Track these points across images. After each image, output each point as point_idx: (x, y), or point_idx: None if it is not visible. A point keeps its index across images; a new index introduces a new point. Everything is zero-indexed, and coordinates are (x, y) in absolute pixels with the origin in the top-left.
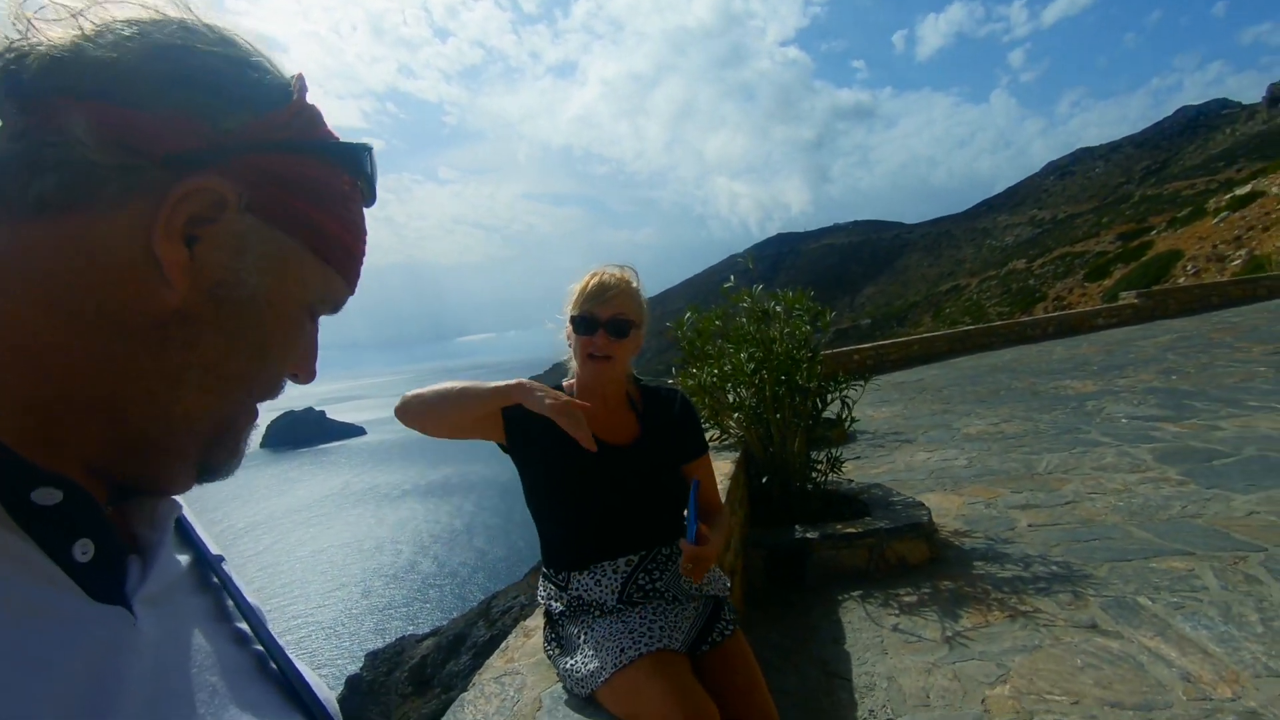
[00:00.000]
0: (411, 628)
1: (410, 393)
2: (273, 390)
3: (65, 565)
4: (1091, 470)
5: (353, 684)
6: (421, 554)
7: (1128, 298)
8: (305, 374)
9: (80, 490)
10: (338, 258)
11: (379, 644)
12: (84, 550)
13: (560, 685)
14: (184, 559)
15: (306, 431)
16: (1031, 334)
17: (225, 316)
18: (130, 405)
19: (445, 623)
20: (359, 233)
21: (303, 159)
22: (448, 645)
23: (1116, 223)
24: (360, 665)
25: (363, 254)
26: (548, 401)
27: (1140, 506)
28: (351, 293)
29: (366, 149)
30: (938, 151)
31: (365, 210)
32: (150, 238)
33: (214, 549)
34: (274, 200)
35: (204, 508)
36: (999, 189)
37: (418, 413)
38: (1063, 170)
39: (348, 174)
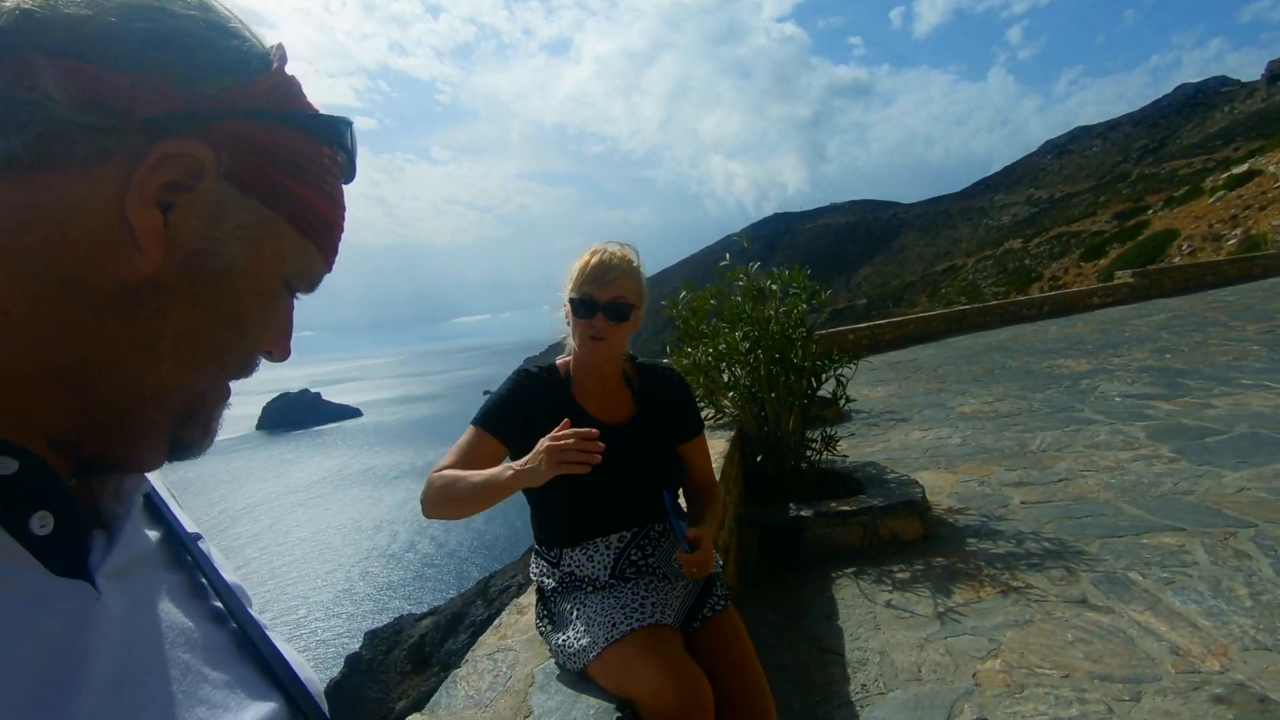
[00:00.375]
0: (411, 607)
1: (429, 505)
2: (247, 367)
3: (22, 538)
4: (1084, 448)
5: (352, 662)
6: (420, 534)
7: (1123, 277)
8: (280, 351)
9: (38, 461)
10: (316, 231)
11: (378, 623)
12: (42, 523)
13: (553, 661)
14: (154, 535)
15: (301, 413)
16: (1027, 313)
17: (200, 287)
18: (99, 376)
19: (443, 602)
20: (338, 207)
21: (282, 129)
22: (446, 624)
23: (1113, 202)
24: (360, 644)
25: (341, 229)
26: (548, 463)
27: (1132, 484)
28: (329, 269)
29: (347, 123)
30: (935, 130)
31: (350, 189)
32: (123, 203)
33: (190, 527)
34: (253, 169)
35: (203, 489)
36: (996, 168)
37: (447, 517)
38: (1060, 149)
39: (328, 147)
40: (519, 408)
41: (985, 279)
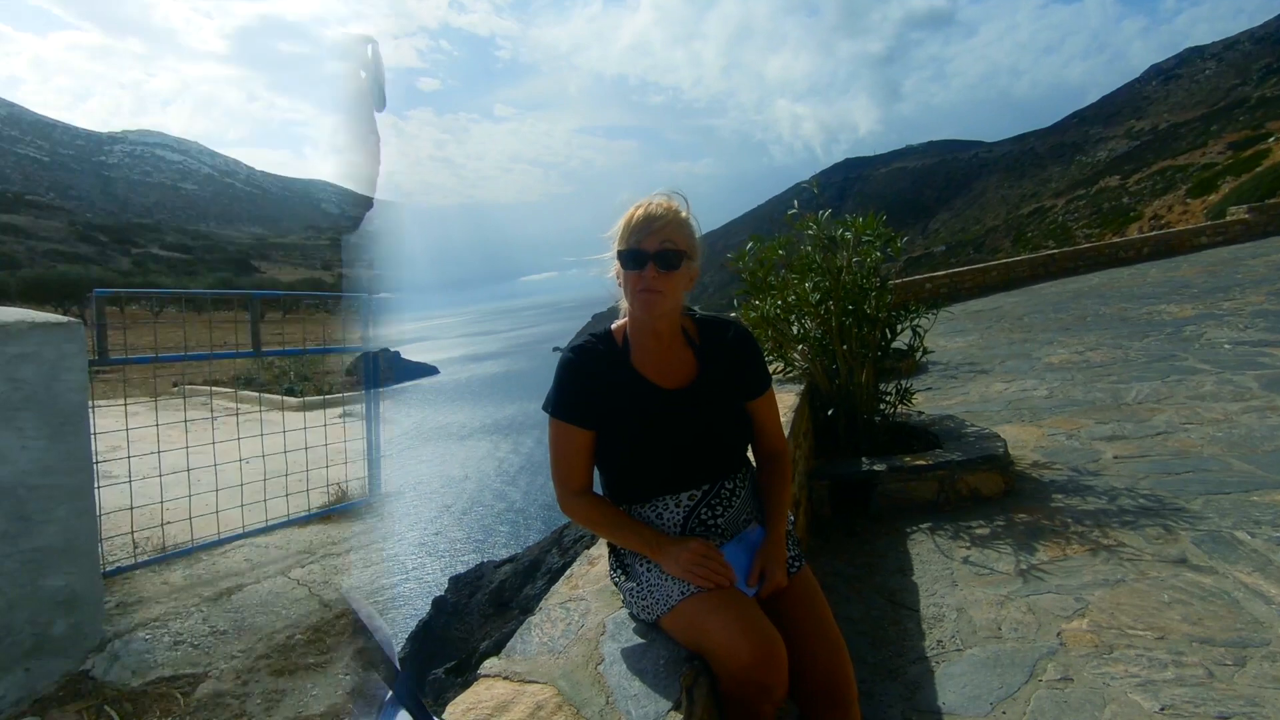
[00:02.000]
0: (502, 551)
1: (575, 520)
2: None
3: None
4: (1187, 399)
5: (439, 605)
6: (510, 484)
7: (1237, 213)
8: None
9: None
10: None
11: (461, 569)
12: None
13: (623, 612)
14: None
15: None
16: (1124, 256)
17: None
18: None
19: (521, 550)
20: None
21: None
22: (524, 571)
23: (1228, 130)
24: (445, 588)
25: None
26: (678, 574)
27: (1242, 437)
28: None
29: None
30: (1023, 60)
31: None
32: None
33: None
34: None
35: None
36: (1092, 99)
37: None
38: (1167, 74)
39: None
40: (582, 390)
41: (1077, 220)
